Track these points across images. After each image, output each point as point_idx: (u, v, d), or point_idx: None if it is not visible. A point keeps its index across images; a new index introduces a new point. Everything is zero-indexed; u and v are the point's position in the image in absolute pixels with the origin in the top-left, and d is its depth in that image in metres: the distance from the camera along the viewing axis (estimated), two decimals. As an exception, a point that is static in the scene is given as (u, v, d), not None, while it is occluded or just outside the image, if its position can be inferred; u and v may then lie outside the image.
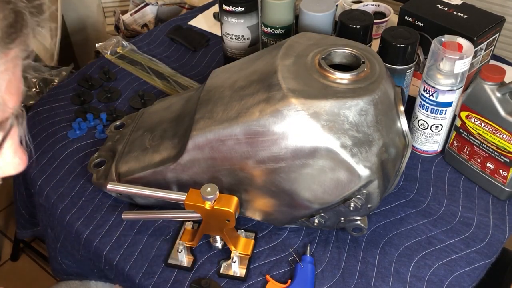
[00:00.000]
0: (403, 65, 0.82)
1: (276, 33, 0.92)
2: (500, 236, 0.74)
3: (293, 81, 0.63)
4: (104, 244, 0.73)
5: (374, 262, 0.71)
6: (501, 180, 0.77)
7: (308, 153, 0.61)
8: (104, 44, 1.11)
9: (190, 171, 0.69)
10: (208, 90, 0.71)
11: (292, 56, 0.67)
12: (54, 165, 0.85)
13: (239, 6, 0.91)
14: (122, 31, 1.82)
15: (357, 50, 0.68)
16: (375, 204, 0.65)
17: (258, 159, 0.64)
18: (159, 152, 0.73)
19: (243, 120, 0.63)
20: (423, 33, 0.89)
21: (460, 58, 0.73)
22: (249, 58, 0.73)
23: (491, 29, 0.86)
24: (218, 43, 1.13)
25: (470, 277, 0.69)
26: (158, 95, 0.99)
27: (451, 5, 0.91)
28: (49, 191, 0.81)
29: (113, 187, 0.70)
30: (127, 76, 1.04)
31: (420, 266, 0.70)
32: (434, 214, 0.77)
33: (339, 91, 0.62)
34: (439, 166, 0.84)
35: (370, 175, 0.61)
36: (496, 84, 0.72)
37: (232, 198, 0.64)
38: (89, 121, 0.91)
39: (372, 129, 0.62)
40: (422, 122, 0.81)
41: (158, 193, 0.68)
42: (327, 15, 0.90)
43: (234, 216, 0.64)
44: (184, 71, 1.06)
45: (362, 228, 0.71)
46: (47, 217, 0.82)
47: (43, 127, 0.92)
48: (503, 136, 0.73)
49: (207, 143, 0.66)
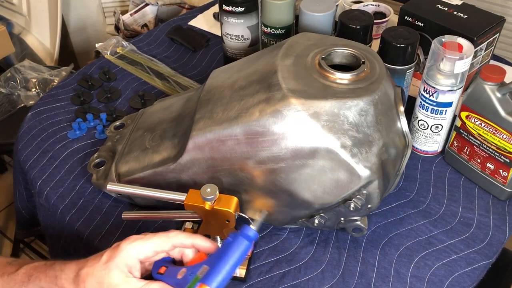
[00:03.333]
0: (403, 65, 0.82)
1: (276, 33, 0.92)
2: (500, 236, 0.74)
3: (293, 81, 0.63)
4: (105, 244, 0.73)
5: (374, 263, 0.70)
6: (501, 180, 0.77)
7: (308, 153, 0.61)
8: (104, 44, 1.11)
9: (190, 171, 0.69)
10: (208, 90, 0.71)
11: (292, 56, 0.67)
12: (54, 165, 0.85)
13: (239, 6, 0.91)
14: (122, 31, 1.82)
15: (357, 50, 0.68)
16: (375, 205, 0.65)
17: (258, 159, 0.64)
18: (159, 152, 0.73)
19: (243, 120, 0.63)
20: (423, 33, 0.89)
21: (460, 58, 0.73)
22: (249, 58, 0.73)
23: (491, 29, 0.86)
24: (218, 43, 1.13)
25: (470, 277, 0.69)
26: (158, 95, 0.99)
27: (451, 5, 0.91)
28: (49, 191, 0.81)
29: (113, 187, 0.70)
30: (127, 76, 1.04)
31: (420, 266, 0.70)
32: (434, 214, 0.77)
33: (339, 91, 0.62)
34: (439, 166, 0.84)
35: (370, 175, 0.61)
36: (496, 84, 0.72)
37: (232, 198, 0.64)
38: (89, 121, 0.91)
39: (372, 129, 0.62)
40: (422, 122, 0.81)
41: (158, 193, 0.68)
42: (327, 15, 0.90)
43: (234, 216, 0.64)
44: (184, 71, 1.06)
45: (362, 229, 0.71)
46: (47, 217, 0.82)
47: (43, 127, 0.92)
48: (503, 136, 0.73)
49: (207, 143, 0.65)
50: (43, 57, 1.81)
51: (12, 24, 1.86)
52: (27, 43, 1.82)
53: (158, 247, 0.56)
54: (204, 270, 0.53)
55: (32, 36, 1.85)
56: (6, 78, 1.51)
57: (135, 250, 0.54)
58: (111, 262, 0.54)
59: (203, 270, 0.53)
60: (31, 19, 1.84)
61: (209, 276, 0.52)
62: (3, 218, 1.70)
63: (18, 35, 1.84)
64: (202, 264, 0.54)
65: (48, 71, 1.56)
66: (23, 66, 1.54)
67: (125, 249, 0.54)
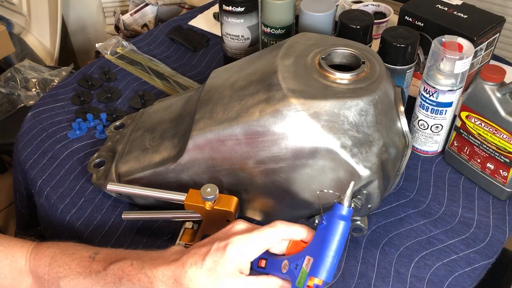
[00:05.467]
0: (403, 65, 0.82)
1: (276, 33, 0.92)
2: (500, 236, 0.74)
3: (293, 81, 0.63)
4: (105, 244, 0.73)
5: (374, 263, 0.70)
6: (501, 180, 0.77)
7: (308, 153, 0.61)
8: (104, 44, 1.11)
9: (190, 171, 0.69)
10: (208, 90, 0.71)
11: (292, 56, 0.67)
12: (54, 165, 0.85)
13: (239, 6, 0.91)
14: (122, 31, 1.82)
15: (357, 50, 0.68)
16: (375, 204, 0.65)
17: (258, 159, 0.64)
18: (159, 152, 0.73)
19: (243, 120, 0.63)
20: (423, 33, 0.89)
21: (460, 58, 0.73)
22: (249, 58, 0.73)
23: (491, 29, 0.86)
24: (218, 43, 1.13)
25: (470, 277, 0.69)
26: (158, 95, 0.99)
27: (451, 5, 0.91)
28: (49, 191, 0.81)
29: (113, 187, 0.70)
30: (127, 76, 1.04)
31: (420, 266, 0.70)
32: (434, 214, 0.77)
33: (339, 91, 0.62)
34: (439, 166, 0.84)
35: (370, 175, 0.61)
36: (496, 84, 0.72)
37: (232, 198, 0.64)
38: (89, 121, 0.91)
39: (372, 129, 0.62)
40: (422, 122, 0.81)
41: (158, 193, 0.68)
42: (327, 15, 0.90)
43: (234, 216, 0.64)
44: (184, 71, 1.06)
45: (362, 229, 0.71)
46: (47, 217, 0.82)
47: (43, 127, 0.92)
48: (503, 136, 0.73)
49: (207, 143, 0.66)
50: (43, 57, 1.81)
51: (12, 24, 1.86)
52: (27, 43, 1.82)
53: (267, 244, 0.52)
54: (308, 262, 0.49)
55: (32, 36, 1.85)
56: (6, 78, 1.51)
57: (243, 253, 0.51)
58: (219, 269, 0.50)
59: (307, 262, 0.50)
60: (31, 19, 1.84)
61: (316, 268, 0.48)
62: (3, 218, 1.70)
63: (18, 35, 1.84)
64: (304, 255, 0.50)
65: (48, 71, 1.56)
66: (23, 66, 1.54)
67: (232, 255, 0.50)
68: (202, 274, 0.50)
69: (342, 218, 0.49)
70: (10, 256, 0.61)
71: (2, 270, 0.61)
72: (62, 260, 0.60)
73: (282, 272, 0.51)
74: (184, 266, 0.51)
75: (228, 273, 0.50)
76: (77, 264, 0.59)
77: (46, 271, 0.60)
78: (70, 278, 0.58)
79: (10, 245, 0.62)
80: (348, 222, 0.50)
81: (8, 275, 0.61)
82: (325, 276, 0.48)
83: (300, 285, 0.49)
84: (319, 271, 0.48)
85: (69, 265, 0.59)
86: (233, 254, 0.50)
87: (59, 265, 0.59)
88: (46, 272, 0.60)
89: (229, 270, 0.50)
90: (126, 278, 0.55)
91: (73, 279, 0.58)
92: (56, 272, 0.59)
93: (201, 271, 0.50)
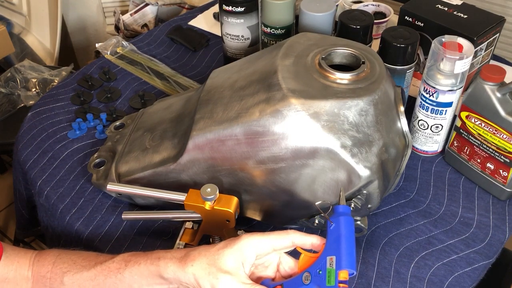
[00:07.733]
0: (403, 65, 0.82)
1: (276, 33, 0.92)
2: (500, 236, 0.74)
3: (293, 81, 0.62)
4: (105, 244, 0.73)
5: (374, 263, 0.70)
6: (501, 180, 0.77)
7: (308, 153, 0.61)
8: (104, 44, 1.11)
9: (190, 171, 0.69)
10: (208, 90, 0.71)
11: (292, 56, 0.67)
12: (54, 165, 0.85)
13: (239, 6, 0.91)
14: (122, 31, 1.82)
15: (357, 50, 0.68)
16: (375, 205, 0.65)
17: (258, 159, 0.64)
18: (159, 152, 0.73)
19: (243, 120, 0.63)
20: (423, 33, 0.89)
21: (460, 58, 0.73)
22: (249, 58, 0.73)
23: (491, 29, 0.86)
24: (218, 43, 1.13)
25: (470, 277, 0.69)
26: (158, 95, 0.99)
27: (451, 5, 0.91)
28: (49, 191, 0.81)
29: (113, 187, 0.70)
30: (127, 76, 1.04)
31: (420, 266, 0.70)
32: (434, 214, 0.77)
33: (339, 91, 0.62)
34: (439, 166, 0.84)
35: (370, 175, 0.61)
36: (496, 84, 0.72)
37: (232, 198, 0.64)
38: (89, 121, 0.91)
39: (372, 129, 0.62)
40: (422, 122, 0.81)
41: (158, 193, 0.68)
42: (327, 15, 0.90)
43: (234, 217, 0.64)
44: (184, 71, 1.06)
45: (362, 229, 0.71)
46: (47, 217, 0.82)
47: (43, 127, 0.92)
48: (503, 136, 0.73)
49: (207, 143, 0.66)
50: (43, 57, 1.81)
51: (12, 24, 1.86)
52: (27, 43, 1.82)
53: (277, 244, 0.54)
54: (332, 260, 0.51)
55: (32, 36, 1.85)
56: (6, 78, 1.51)
57: (254, 242, 0.53)
58: (228, 248, 0.52)
59: (331, 261, 0.51)
60: (31, 19, 1.84)
61: (342, 261, 0.50)
62: (3, 218, 1.70)
63: (18, 35, 1.84)
64: (324, 258, 0.52)
65: (48, 71, 1.56)
66: (23, 66, 1.54)
67: (245, 239, 0.53)
68: (213, 251, 0.53)
69: (345, 215, 0.53)
70: (16, 262, 0.62)
71: (7, 275, 0.62)
72: (68, 257, 0.61)
73: (305, 283, 0.52)
74: (199, 247, 0.55)
75: (233, 255, 0.52)
76: (83, 259, 0.59)
77: (49, 269, 0.60)
78: (73, 272, 0.58)
79: (15, 253, 0.63)
80: (351, 217, 0.53)
81: (11, 280, 0.62)
82: (353, 266, 0.50)
83: (331, 283, 0.50)
84: (347, 263, 0.49)
85: (74, 260, 0.60)
86: (246, 239, 0.53)
87: (64, 262, 0.60)
88: (49, 270, 0.60)
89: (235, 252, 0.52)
90: (133, 261, 0.56)
91: (77, 272, 0.58)
92: (60, 268, 0.60)
93: (213, 249, 0.53)
